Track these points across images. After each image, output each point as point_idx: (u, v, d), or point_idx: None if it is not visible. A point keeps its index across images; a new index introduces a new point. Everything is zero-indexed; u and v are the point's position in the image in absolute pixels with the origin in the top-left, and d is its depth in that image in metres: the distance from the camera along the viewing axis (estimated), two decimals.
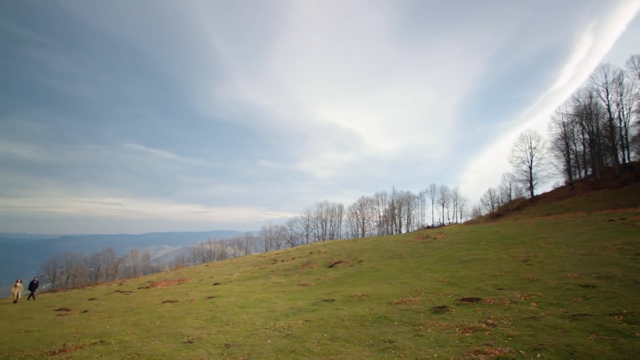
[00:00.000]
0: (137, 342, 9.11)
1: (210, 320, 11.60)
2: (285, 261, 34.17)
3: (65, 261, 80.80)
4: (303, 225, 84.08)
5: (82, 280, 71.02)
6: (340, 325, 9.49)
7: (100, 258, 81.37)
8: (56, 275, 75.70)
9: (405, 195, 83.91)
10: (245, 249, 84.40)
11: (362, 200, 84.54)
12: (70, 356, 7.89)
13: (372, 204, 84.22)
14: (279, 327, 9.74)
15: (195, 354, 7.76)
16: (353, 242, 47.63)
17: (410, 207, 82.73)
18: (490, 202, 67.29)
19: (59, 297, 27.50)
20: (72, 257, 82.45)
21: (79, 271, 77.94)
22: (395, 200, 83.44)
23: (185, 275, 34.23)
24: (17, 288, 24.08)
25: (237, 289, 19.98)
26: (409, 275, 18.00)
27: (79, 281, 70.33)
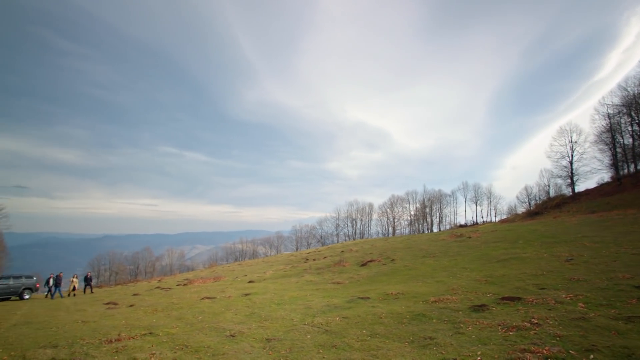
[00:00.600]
0: (182, 335, 9.57)
1: (249, 316, 11.95)
2: (317, 260, 34.46)
3: (108, 259, 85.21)
4: (333, 225, 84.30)
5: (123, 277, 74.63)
6: (378, 322, 9.53)
7: (139, 256, 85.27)
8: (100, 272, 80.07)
9: (436, 193, 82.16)
10: (276, 248, 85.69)
11: (392, 198, 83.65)
12: (125, 345, 8.42)
13: (403, 203, 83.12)
14: (317, 323, 9.91)
15: (239, 347, 8.05)
16: (384, 241, 47.26)
17: (442, 206, 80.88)
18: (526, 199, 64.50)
19: (105, 292, 29.16)
20: (114, 256, 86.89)
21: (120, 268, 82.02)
22: (427, 198, 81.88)
23: (220, 273, 35.27)
24: (73, 282, 26.15)
25: (271, 287, 20.41)
26: (444, 273, 17.71)
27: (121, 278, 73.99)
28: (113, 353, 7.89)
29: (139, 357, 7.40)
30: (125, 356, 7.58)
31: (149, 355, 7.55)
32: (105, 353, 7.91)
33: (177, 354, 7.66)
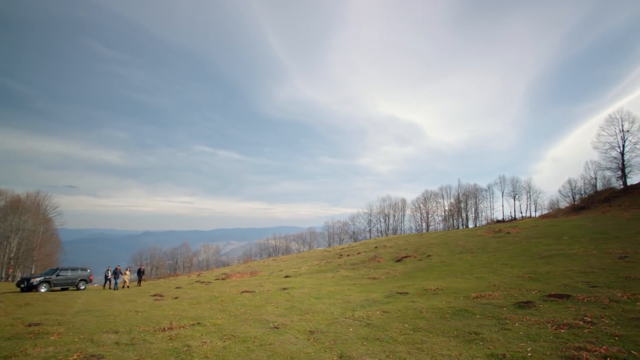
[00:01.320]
0: (228, 325, 10.01)
1: (289, 309, 12.28)
2: (351, 255, 34.55)
3: (149, 254, 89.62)
4: (365, 221, 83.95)
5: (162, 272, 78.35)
6: (419, 316, 9.51)
7: (177, 252, 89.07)
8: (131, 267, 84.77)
9: (471, 188, 79.57)
10: (309, 244, 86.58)
11: (425, 194, 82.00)
12: (178, 333, 8.95)
13: (437, 198, 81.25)
14: (357, 317, 10.04)
15: (284, 338, 8.33)
16: (419, 236, 46.54)
17: (478, 201, 78.24)
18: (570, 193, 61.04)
19: (150, 285, 30.81)
20: (154, 251, 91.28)
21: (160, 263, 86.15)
22: (461, 193, 79.54)
23: (256, 268, 36.20)
24: (126, 275, 27.97)
25: (308, 282, 20.76)
26: (483, 270, 17.28)
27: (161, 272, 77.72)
28: (168, 340, 8.41)
29: (192, 344, 7.85)
30: (180, 343, 8.06)
31: (200, 343, 7.99)
32: (161, 340, 8.45)
33: (226, 343, 8.05)
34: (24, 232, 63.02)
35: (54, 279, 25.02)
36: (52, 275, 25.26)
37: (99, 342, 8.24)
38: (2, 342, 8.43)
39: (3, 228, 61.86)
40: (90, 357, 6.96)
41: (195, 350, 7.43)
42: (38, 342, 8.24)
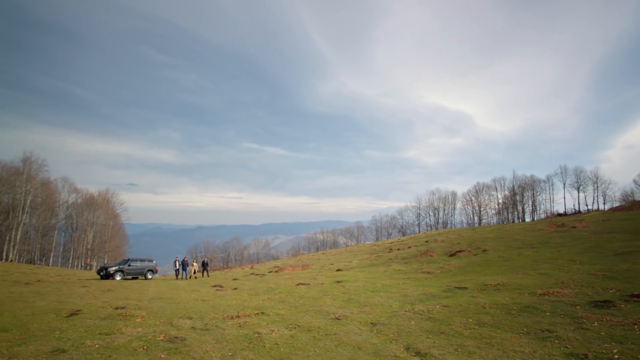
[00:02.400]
0: (291, 316, 10.45)
1: (347, 301, 12.52)
2: (402, 250, 34.15)
3: (203, 247, 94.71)
4: (414, 214, 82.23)
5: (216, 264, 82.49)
6: (482, 312, 9.29)
7: (229, 245, 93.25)
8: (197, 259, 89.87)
9: (528, 179, 74.64)
10: (356, 238, 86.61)
11: (477, 186, 78.42)
12: (246, 322, 9.53)
13: (489, 190, 77.37)
14: (418, 311, 10.02)
15: (347, 329, 8.56)
16: (471, 230, 44.80)
17: (535, 193, 73.29)
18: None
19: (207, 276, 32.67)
20: (208, 244, 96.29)
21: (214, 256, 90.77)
22: (517, 185, 74.95)
23: (306, 262, 37.00)
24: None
25: (360, 275, 20.91)
26: (547, 266, 16.35)
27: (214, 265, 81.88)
28: (237, 327, 8.99)
29: (261, 332, 8.34)
30: (249, 330, 8.59)
31: (269, 331, 8.45)
32: (232, 326, 9.06)
33: (292, 332, 8.44)
34: (97, 226, 69.45)
35: (126, 269, 27.50)
36: (125, 265, 27.77)
37: (177, 326, 9.02)
38: (99, 321, 9.52)
39: (80, 222, 68.61)
40: (175, 338, 7.66)
41: (265, 337, 7.89)
42: (127, 323, 9.20)
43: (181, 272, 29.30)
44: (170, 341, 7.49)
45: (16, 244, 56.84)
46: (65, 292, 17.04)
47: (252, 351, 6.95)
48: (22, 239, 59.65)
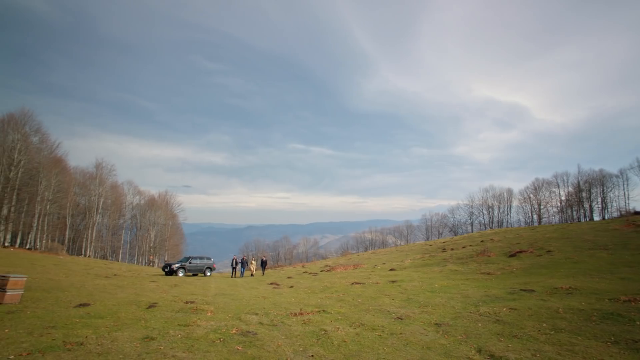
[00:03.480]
0: (352, 314, 10.58)
1: (406, 301, 12.40)
2: (455, 249, 32.97)
3: (254, 246, 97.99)
4: (466, 213, 78.85)
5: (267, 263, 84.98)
6: (556, 317, 8.77)
7: (279, 244, 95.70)
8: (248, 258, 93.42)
9: (596, 174, 68.25)
10: (406, 237, 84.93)
11: (536, 182, 73.29)
12: (309, 319, 9.82)
13: (550, 187, 71.94)
14: (483, 313, 9.69)
15: (412, 329, 8.51)
16: (531, 229, 42.09)
17: (606, 189, 66.92)
18: None
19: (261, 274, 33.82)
20: (258, 243, 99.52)
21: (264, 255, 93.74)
22: (582, 180, 68.91)
23: (357, 261, 36.99)
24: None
25: (415, 275, 20.54)
26: (628, 270, 15.00)
27: None
28: (302, 323, 9.29)
29: (327, 329, 8.55)
30: (314, 327, 8.84)
31: (334, 328, 8.65)
32: (297, 323, 9.38)
33: (357, 330, 8.56)
34: (158, 225, 74.58)
35: (187, 266, 29.34)
36: (186, 262, 29.65)
37: (246, 321, 9.52)
38: (174, 313, 10.32)
39: (143, 222, 74.10)
40: (247, 332, 8.12)
41: (331, 334, 8.09)
42: (200, 317, 9.88)
43: (240, 269, 30.56)
44: (243, 335, 7.94)
45: (92, 241, 62.70)
46: (138, 286, 18.59)
47: (322, 347, 7.16)
48: (97, 237, 65.65)
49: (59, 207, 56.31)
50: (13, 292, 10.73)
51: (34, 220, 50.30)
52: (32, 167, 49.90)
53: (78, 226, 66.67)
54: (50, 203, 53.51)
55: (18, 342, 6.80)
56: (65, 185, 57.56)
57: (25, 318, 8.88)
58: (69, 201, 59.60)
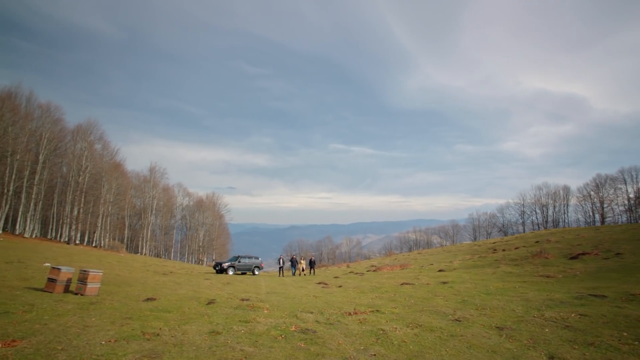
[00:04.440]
0: (406, 315, 10.46)
1: (461, 303, 12.04)
2: (507, 250, 31.40)
3: (297, 246, 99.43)
4: (517, 212, 74.62)
5: None
6: (637, 326, 8.10)
7: (321, 244, 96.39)
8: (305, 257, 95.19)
9: None
10: (452, 237, 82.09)
11: (597, 179, 67.64)
12: (365, 318, 9.85)
13: (615, 183, 66.01)
14: (549, 318, 9.17)
15: (472, 331, 8.27)
16: (594, 230, 39.01)
17: None
18: None
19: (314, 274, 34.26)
20: (301, 243, 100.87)
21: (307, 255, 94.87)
22: None
23: (403, 261, 36.38)
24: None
25: (467, 276, 19.85)
26: None
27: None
28: (358, 323, 9.35)
29: (385, 329, 8.54)
30: (371, 326, 8.87)
31: (391, 328, 8.62)
32: (353, 322, 9.46)
33: (415, 331, 8.47)
34: (206, 225, 78.02)
35: (237, 265, 30.48)
36: (236, 261, 30.79)
37: (302, 319, 9.75)
38: (233, 310, 10.81)
39: (193, 222, 77.87)
40: (306, 330, 8.32)
41: (390, 334, 8.07)
42: (258, 314, 10.26)
43: (290, 268, 31.07)
44: (302, 332, 8.15)
45: (147, 240, 66.95)
46: (194, 283, 19.63)
47: (382, 347, 7.18)
48: (151, 236, 69.99)
49: (118, 209, 60.82)
50: (92, 285, 11.80)
51: (98, 220, 54.72)
52: (96, 172, 54.32)
53: (135, 226, 71.58)
54: (111, 204, 57.93)
55: (105, 329, 7.49)
56: (123, 188, 62.07)
57: (106, 309, 9.73)
58: (127, 203, 64.16)
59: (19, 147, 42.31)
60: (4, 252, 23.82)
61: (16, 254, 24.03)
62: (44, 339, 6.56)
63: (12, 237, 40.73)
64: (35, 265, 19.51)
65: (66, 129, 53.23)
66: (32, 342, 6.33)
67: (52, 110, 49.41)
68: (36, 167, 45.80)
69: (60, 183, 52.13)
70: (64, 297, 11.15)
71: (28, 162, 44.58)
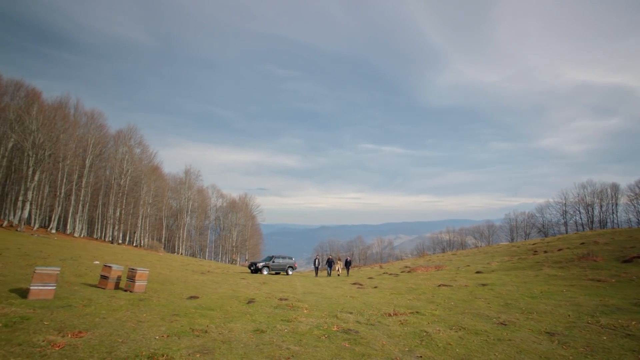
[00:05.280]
0: (447, 317, 10.24)
1: (504, 306, 11.62)
2: (550, 252, 29.90)
3: (328, 246, 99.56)
4: (558, 212, 70.79)
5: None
6: None
7: (352, 244, 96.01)
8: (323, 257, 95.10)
9: None
10: (487, 238, 79.19)
11: None
12: (406, 319, 9.75)
13: None
14: (606, 325, 8.67)
15: (521, 336, 7.97)
16: None
17: None
18: None
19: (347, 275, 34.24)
20: (332, 243, 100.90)
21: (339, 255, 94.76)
22: None
23: (437, 262, 35.56)
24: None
25: (507, 279, 19.11)
26: None
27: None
28: (399, 324, 9.26)
29: (428, 330, 8.42)
30: (413, 328, 8.76)
31: (435, 330, 8.47)
32: (393, 323, 9.38)
33: (459, 333, 8.28)
34: (239, 226, 79.82)
35: (271, 265, 30.96)
36: (270, 261, 31.28)
37: (343, 319, 9.78)
38: (273, 309, 11.03)
39: (226, 223, 79.92)
40: (348, 330, 8.35)
41: (434, 336, 7.94)
42: (298, 313, 10.40)
43: (327, 269, 31.01)
44: (345, 332, 8.19)
45: (184, 240, 69.42)
46: (232, 282, 20.16)
47: (427, 349, 7.08)
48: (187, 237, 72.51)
49: (156, 210, 63.51)
50: (140, 282, 12.42)
51: (138, 220, 57.44)
52: (136, 175, 57.06)
53: (171, 226, 74.45)
54: (150, 206, 60.60)
55: (156, 325, 7.87)
56: (161, 190, 64.76)
57: (154, 306, 10.23)
58: (164, 204, 66.85)
59: (69, 152, 45.23)
60: (60, 251, 25.54)
61: (69, 252, 25.71)
62: (105, 331, 7.00)
63: (64, 236, 43.60)
64: (86, 262, 20.78)
65: (109, 134, 56.44)
66: (95, 334, 6.77)
67: (96, 117, 52.52)
68: (83, 171, 48.78)
69: (104, 186, 55.24)
70: (115, 293, 11.81)
71: (76, 167, 47.57)
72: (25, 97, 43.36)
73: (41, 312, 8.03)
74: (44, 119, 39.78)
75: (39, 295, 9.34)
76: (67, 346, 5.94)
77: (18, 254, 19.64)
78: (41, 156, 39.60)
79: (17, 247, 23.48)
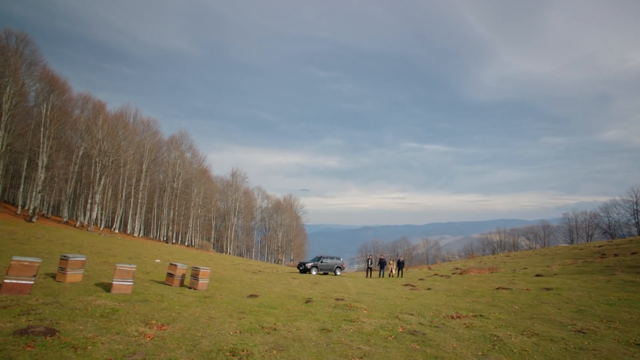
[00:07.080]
0: (515, 321, 9.76)
1: (578, 312, 10.87)
2: (621, 255, 27.47)
3: (372, 246, 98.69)
4: (628, 211, 64.61)
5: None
6: None
7: (397, 245, 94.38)
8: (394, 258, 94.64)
9: None
10: (542, 239, 74.23)
11: None
12: (471, 323, 9.43)
13: None
14: None
15: (606, 346, 7.42)
16: None
17: None
18: None
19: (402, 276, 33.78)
20: (377, 244, 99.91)
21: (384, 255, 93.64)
22: None
23: (490, 264, 34.02)
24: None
25: (573, 283, 17.84)
26: None
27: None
28: (465, 327, 8.98)
29: (498, 335, 8.10)
30: (481, 332, 8.46)
31: (506, 335, 8.13)
32: (459, 325, 9.11)
33: (532, 339, 7.87)
34: (284, 227, 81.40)
35: (320, 265, 31.26)
36: (318, 261, 31.59)
37: (405, 320, 9.67)
38: (332, 309, 11.15)
39: (271, 224, 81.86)
40: (414, 332, 8.25)
41: (506, 341, 7.62)
42: (359, 314, 10.43)
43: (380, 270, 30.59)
44: (411, 334, 8.09)
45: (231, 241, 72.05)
46: (284, 282, 20.62)
47: (502, 354, 6.81)
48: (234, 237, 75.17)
49: (206, 211, 66.50)
50: (203, 280, 13.11)
51: (189, 221, 60.49)
52: (187, 178, 60.18)
53: (219, 227, 77.57)
54: (200, 207, 63.56)
55: (227, 322, 8.28)
56: (210, 192, 67.73)
57: (219, 303, 10.74)
58: (213, 205, 69.82)
59: (129, 158, 48.75)
60: (125, 249, 27.60)
61: (133, 250, 27.67)
62: (184, 326, 7.48)
63: (125, 236, 47.05)
64: (148, 260, 22.26)
65: (162, 140, 60.09)
66: (176, 327, 7.26)
67: (151, 124, 56.19)
68: (141, 175, 52.35)
69: (158, 189, 58.84)
70: (181, 290, 12.54)
71: (135, 171, 51.16)
72: (93, 109, 47.42)
73: (125, 305, 8.74)
74: (108, 128, 43.31)
75: (120, 289, 10.17)
76: (155, 337, 6.42)
77: (92, 252, 21.46)
78: (106, 162, 43.08)
79: (90, 245, 25.68)
